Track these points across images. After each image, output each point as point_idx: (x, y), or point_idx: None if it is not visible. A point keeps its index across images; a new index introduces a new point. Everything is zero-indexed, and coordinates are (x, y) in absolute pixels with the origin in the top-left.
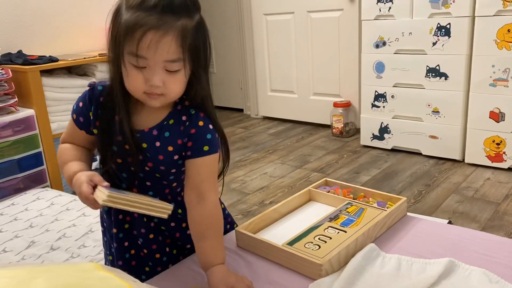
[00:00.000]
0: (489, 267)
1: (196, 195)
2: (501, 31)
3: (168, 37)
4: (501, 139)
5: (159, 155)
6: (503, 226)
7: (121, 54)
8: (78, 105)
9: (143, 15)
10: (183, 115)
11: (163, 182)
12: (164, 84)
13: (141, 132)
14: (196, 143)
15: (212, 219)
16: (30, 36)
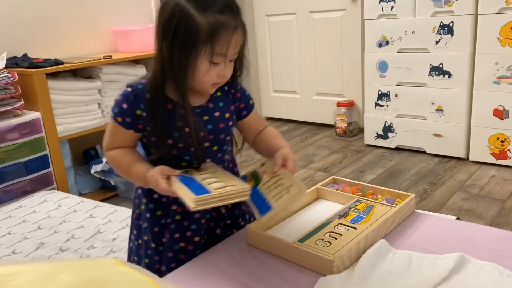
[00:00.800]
0: (500, 262)
1: (256, 134)
2: (504, 28)
3: (240, 34)
4: (506, 136)
5: (220, 123)
6: (509, 223)
7: (199, 54)
8: (121, 107)
9: (223, 17)
10: (224, 87)
11: (218, 155)
12: (229, 72)
13: (200, 107)
14: (245, 102)
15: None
16: (35, 39)
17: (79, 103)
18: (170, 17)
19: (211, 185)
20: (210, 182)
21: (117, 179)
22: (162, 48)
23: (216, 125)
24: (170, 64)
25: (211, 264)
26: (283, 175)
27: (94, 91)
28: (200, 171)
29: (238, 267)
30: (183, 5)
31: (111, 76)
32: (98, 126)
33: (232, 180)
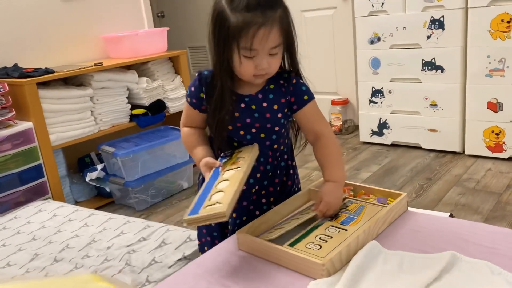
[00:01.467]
0: (492, 259)
1: (313, 135)
2: (494, 21)
3: (273, 30)
4: (500, 129)
5: (267, 113)
6: (506, 216)
7: (232, 49)
8: (190, 90)
9: (250, 15)
10: (280, 80)
11: (266, 143)
12: (268, 65)
13: (249, 96)
14: (297, 96)
15: (329, 150)
16: (25, 49)
17: (72, 111)
18: (213, 14)
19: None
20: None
21: (112, 186)
22: (210, 39)
23: (263, 115)
24: (215, 53)
25: (202, 270)
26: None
27: (86, 99)
28: (234, 160)
29: (229, 272)
30: (221, 5)
31: (102, 83)
32: (92, 133)
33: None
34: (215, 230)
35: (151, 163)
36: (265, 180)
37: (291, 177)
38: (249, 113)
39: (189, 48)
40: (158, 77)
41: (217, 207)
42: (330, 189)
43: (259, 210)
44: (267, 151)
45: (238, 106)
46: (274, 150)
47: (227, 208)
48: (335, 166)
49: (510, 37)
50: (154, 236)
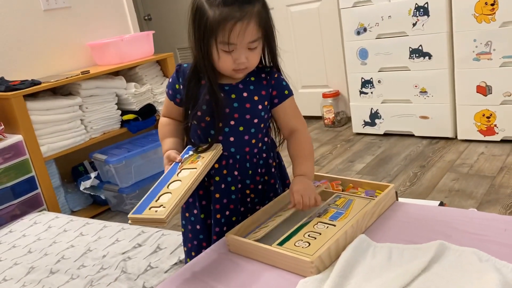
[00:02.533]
0: (481, 246)
1: (289, 130)
2: (478, 4)
3: (250, 24)
4: (491, 112)
5: (246, 103)
6: (500, 200)
7: (211, 43)
8: (169, 82)
9: (227, 10)
10: (261, 74)
11: (245, 137)
12: (247, 59)
13: (229, 85)
14: (278, 90)
15: (301, 146)
16: (10, 62)
17: (61, 121)
18: (192, 10)
19: (162, 196)
20: (169, 189)
21: (107, 193)
22: (190, 33)
23: (243, 104)
24: (195, 47)
25: (193, 273)
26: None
27: (75, 108)
28: (194, 159)
29: (220, 275)
30: (199, 3)
31: (90, 91)
32: (83, 142)
33: (178, 192)
34: (201, 233)
35: (144, 168)
36: (246, 178)
37: (273, 175)
38: (228, 102)
39: (178, 50)
40: (147, 81)
41: (158, 213)
42: (297, 180)
43: (244, 207)
44: (245, 147)
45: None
46: (252, 146)
47: (167, 215)
48: (305, 161)
49: (495, 19)
50: (149, 242)
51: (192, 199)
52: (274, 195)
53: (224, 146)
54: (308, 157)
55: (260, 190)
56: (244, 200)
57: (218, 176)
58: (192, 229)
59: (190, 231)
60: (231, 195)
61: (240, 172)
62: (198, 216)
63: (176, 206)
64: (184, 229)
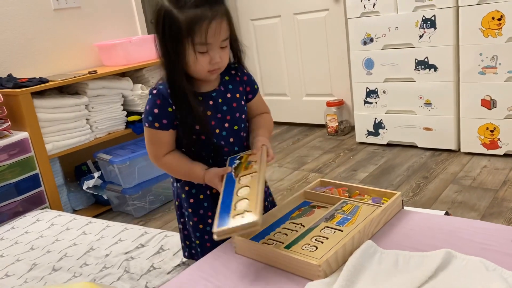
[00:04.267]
0: (486, 256)
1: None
2: (485, 19)
3: (223, 22)
4: (495, 126)
5: (233, 103)
6: (502, 213)
7: (186, 47)
8: (153, 114)
9: (199, 10)
10: (231, 71)
11: (241, 133)
12: (221, 58)
13: (215, 91)
14: (251, 85)
15: (265, 120)
16: (19, 59)
17: (67, 120)
18: (157, 18)
19: (239, 204)
20: (241, 196)
21: (110, 194)
22: (159, 47)
23: (230, 105)
24: (166, 59)
25: (200, 275)
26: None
27: (81, 107)
28: (246, 165)
29: (226, 276)
30: (166, 6)
31: (97, 91)
32: (88, 141)
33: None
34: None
35: (148, 170)
36: None
37: None
38: (218, 107)
39: None
40: (153, 83)
41: (248, 217)
42: (265, 139)
43: None
44: (242, 142)
45: (207, 104)
46: (245, 140)
47: (259, 217)
48: (265, 129)
49: (501, 34)
50: (152, 243)
51: (203, 210)
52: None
53: (228, 147)
54: (269, 130)
55: None
56: None
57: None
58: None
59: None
60: None
61: None
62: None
63: (261, 207)
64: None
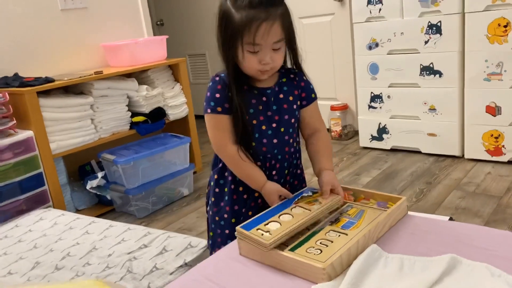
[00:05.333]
0: (492, 262)
1: (311, 130)
2: (491, 25)
3: (274, 25)
4: (499, 132)
5: (284, 104)
6: (506, 219)
7: (237, 45)
8: (215, 99)
9: (253, 11)
10: (290, 75)
11: (285, 137)
12: (272, 60)
13: (270, 88)
14: (307, 93)
15: (323, 142)
16: (26, 59)
17: (72, 120)
18: (219, 15)
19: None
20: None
21: (113, 194)
22: (218, 39)
23: (281, 106)
24: (223, 52)
25: (203, 276)
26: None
27: (86, 107)
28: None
29: (230, 278)
30: (227, 4)
31: (102, 91)
32: (92, 141)
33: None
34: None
35: (151, 171)
36: (281, 177)
37: (298, 177)
38: (269, 105)
39: (188, 56)
40: (158, 84)
41: (264, 237)
42: (333, 176)
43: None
44: (285, 147)
45: (260, 100)
46: (290, 146)
47: (272, 242)
48: (329, 157)
49: (507, 41)
50: (155, 243)
51: (224, 203)
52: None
53: (268, 148)
54: (331, 154)
55: (289, 191)
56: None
57: None
58: (222, 233)
59: (219, 235)
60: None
61: (278, 173)
62: (229, 221)
63: (281, 237)
64: (213, 232)
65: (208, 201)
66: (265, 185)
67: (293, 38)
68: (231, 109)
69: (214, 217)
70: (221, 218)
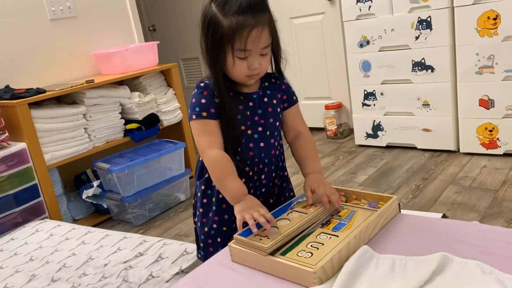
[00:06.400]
0: (484, 258)
1: (294, 134)
2: (481, 19)
3: (264, 31)
4: (493, 125)
5: (269, 107)
6: (502, 213)
7: (226, 51)
8: (201, 104)
9: (242, 18)
10: (271, 78)
11: (271, 140)
12: (260, 65)
13: (255, 93)
14: (288, 95)
15: (307, 146)
16: (16, 70)
17: (65, 130)
18: (204, 20)
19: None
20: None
21: (109, 202)
22: (202, 46)
23: (266, 110)
24: (208, 58)
25: (196, 283)
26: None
27: (79, 116)
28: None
29: (223, 284)
30: (212, 10)
31: (95, 99)
32: (86, 151)
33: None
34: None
35: (147, 177)
36: (270, 181)
37: (285, 179)
38: (255, 110)
39: (182, 60)
40: (151, 91)
41: (262, 241)
42: (315, 178)
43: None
44: (271, 150)
45: (247, 105)
46: (275, 149)
47: (270, 245)
48: (315, 159)
49: (497, 33)
50: (150, 251)
51: (212, 214)
52: (285, 199)
53: (255, 153)
54: (316, 157)
55: (276, 194)
56: (266, 204)
57: (251, 182)
58: (213, 242)
59: (210, 245)
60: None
61: (267, 176)
62: (219, 229)
63: (279, 241)
64: (203, 244)
65: (195, 212)
66: (246, 195)
67: (277, 43)
68: (218, 115)
69: (203, 228)
70: (211, 228)
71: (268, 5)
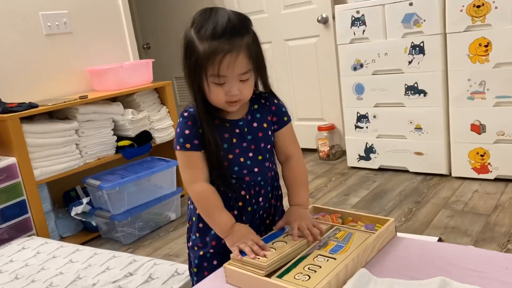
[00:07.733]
0: (481, 283)
1: (285, 156)
2: (472, 45)
3: (240, 57)
4: (485, 150)
5: (259, 132)
6: (495, 238)
7: (202, 77)
8: (184, 135)
9: (216, 43)
10: (261, 100)
11: (266, 164)
12: (240, 91)
13: (242, 119)
14: (278, 116)
15: (295, 173)
16: (8, 84)
17: (56, 145)
18: (183, 45)
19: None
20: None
21: (98, 220)
22: (184, 71)
23: (255, 135)
24: (189, 84)
25: None
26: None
27: (71, 132)
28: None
29: None
30: (190, 34)
31: (88, 115)
32: (77, 167)
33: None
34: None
35: (137, 195)
36: (267, 202)
37: (279, 198)
38: (244, 136)
39: (175, 79)
40: (144, 108)
41: (260, 260)
42: (298, 213)
43: (258, 233)
44: (267, 173)
45: (233, 132)
46: (270, 171)
47: (269, 264)
48: (301, 190)
49: (488, 60)
50: (140, 271)
51: (209, 238)
52: (279, 218)
53: (251, 177)
54: (303, 186)
55: (272, 214)
56: (263, 225)
57: (250, 206)
58: (209, 265)
59: (205, 268)
60: (256, 222)
61: (264, 198)
62: (217, 252)
63: (277, 260)
64: (197, 269)
65: (189, 236)
66: (235, 226)
67: (262, 68)
68: (202, 146)
69: (198, 252)
70: (207, 252)
71: (250, 28)
